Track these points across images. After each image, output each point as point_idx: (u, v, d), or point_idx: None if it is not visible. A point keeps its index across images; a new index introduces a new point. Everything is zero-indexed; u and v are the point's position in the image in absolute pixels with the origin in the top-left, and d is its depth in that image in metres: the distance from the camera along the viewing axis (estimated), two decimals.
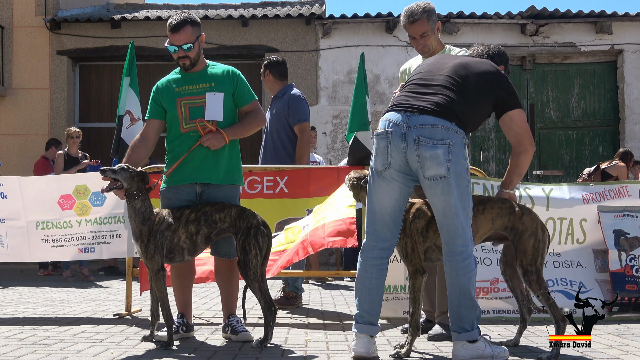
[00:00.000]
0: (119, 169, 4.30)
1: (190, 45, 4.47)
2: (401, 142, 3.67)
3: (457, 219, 3.66)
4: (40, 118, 12.46)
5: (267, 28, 12.49)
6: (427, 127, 3.63)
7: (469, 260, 3.70)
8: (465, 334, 3.70)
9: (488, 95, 3.83)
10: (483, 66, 3.89)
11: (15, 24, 12.63)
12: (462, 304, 3.71)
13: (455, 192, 3.64)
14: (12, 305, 6.62)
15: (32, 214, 5.88)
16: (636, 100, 12.28)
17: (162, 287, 4.29)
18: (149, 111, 4.65)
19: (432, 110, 3.66)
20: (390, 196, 3.80)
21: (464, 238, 3.69)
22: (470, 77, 3.79)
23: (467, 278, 3.70)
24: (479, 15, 12.30)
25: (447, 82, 3.77)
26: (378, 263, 3.88)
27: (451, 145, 3.61)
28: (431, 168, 3.62)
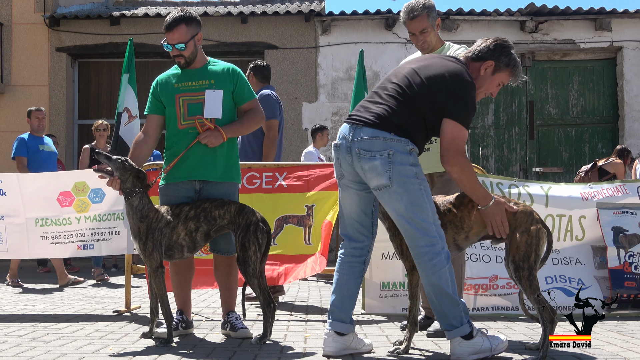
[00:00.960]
0: (114, 158, 4.29)
1: (183, 45, 4.45)
2: (347, 155, 3.78)
3: (414, 223, 3.67)
4: None
5: (266, 25, 12.48)
6: (366, 140, 3.69)
7: (438, 259, 3.67)
8: (456, 330, 3.70)
9: (433, 100, 3.73)
10: (436, 70, 3.79)
11: (15, 20, 12.62)
12: (440, 302, 3.71)
13: (405, 198, 3.66)
14: (11, 302, 6.62)
15: (31, 210, 5.87)
16: (635, 98, 12.28)
17: (161, 284, 4.29)
18: (149, 106, 4.65)
19: (372, 122, 3.70)
20: (350, 202, 3.93)
21: (427, 238, 3.68)
22: (417, 83, 3.75)
23: (438, 276, 3.68)
24: (478, 12, 12.30)
25: (394, 90, 3.77)
26: (350, 261, 3.96)
27: (391, 154, 3.63)
28: (373, 179, 3.69)
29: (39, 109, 8.90)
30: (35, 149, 8.65)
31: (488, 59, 3.90)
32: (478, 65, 3.91)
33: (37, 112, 8.83)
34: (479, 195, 3.80)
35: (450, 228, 3.93)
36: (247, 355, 3.87)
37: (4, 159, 12.24)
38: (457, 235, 3.94)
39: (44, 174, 6.29)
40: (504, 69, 3.92)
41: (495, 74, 3.92)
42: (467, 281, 5.40)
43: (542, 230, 3.91)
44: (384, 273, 5.60)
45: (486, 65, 3.90)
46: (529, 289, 3.80)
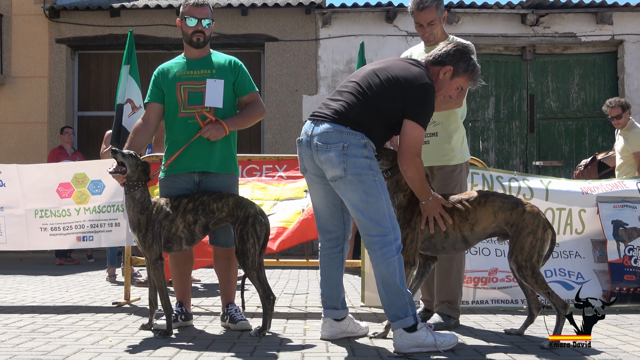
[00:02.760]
0: (128, 155, 4.30)
1: (210, 22, 4.56)
2: (307, 149, 3.93)
3: (367, 213, 3.78)
4: (39, 106, 12.43)
5: (267, 17, 12.45)
6: (324, 133, 3.82)
7: (387, 248, 3.76)
8: (399, 321, 3.76)
9: (392, 101, 3.84)
10: (395, 72, 3.89)
11: (14, 12, 12.58)
12: (387, 291, 3.79)
13: (360, 188, 3.77)
14: (10, 293, 6.62)
15: (30, 202, 5.86)
16: (636, 91, 12.26)
17: (161, 276, 4.29)
18: (150, 94, 4.64)
19: (330, 117, 3.85)
20: (317, 195, 4.10)
21: (379, 229, 3.77)
22: (376, 83, 3.87)
23: (386, 265, 3.76)
24: (479, 5, 12.27)
25: (354, 89, 3.91)
26: (328, 252, 4.15)
27: (345, 147, 3.75)
28: (328, 170, 3.82)
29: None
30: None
31: (447, 64, 4.03)
32: (437, 70, 4.03)
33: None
34: (423, 192, 3.98)
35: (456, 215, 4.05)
36: (246, 347, 3.88)
37: (3, 150, 12.24)
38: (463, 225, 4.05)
39: (43, 165, 6.28)
40: (462, 74, 4.05)
41: (454, 79, 4.05)
42: (467, 274, 5.41)
43: (547, 233, 4.01)
44: None
45: (445, 70, 4.03)
46: (536, 285, 3.94)
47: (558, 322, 3.93)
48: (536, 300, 4.25)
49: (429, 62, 4.05)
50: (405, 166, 3.85)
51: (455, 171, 4.61)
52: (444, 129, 4.60)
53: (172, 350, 3.81)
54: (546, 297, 3.95)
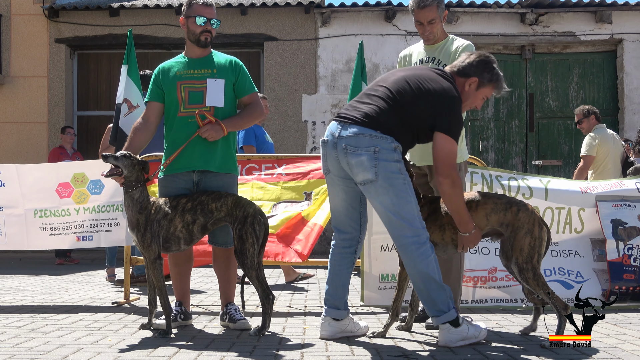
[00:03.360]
0: (121, 156, 4.29)
1: (218, 22, 4.59)
2: (334, 151, 3.94)
3: (399, 215, 3.83)
4: (38, 106, 12.43)
5: (266, 16, 12.45)
6: (353, 136, 3.84)
7: (424, 248, 3.82)
8: (444, 315, 3.83)
9: (422, 112, 3.87)
10: (427, 82, 3.92)
11: (14, 11, 12.57)
12: (429, 289, 3.84)
13: (391, 192, 3.82)
14: (10, 293, 6.62)
15: (30, 202, 5.86)
16: (635, 90, 12.26)
17: (160, 276, 4.29)
18: (150, 93, 4.64)
19: (360, 120, 3.86)
20: (337, 196, 4.12)
21: (413, 229, 3.83)
22: (407, 91, 3.89)
23: (426, 264, 3.82)
24: (478, 4, 12.27)
25: (384, 94, 3.92)
26: (341, 252, 4.18)
27: (377, 151, 3.79)
28: (359, 174, 3.84)
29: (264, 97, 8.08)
30: (263, 139, 7.98)
31: (472, 76, 4.06)
32: (463, 81, 4.06)
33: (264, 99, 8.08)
34: (462, 220, 3.94)
35: (448, 229, 4.06)
36: (245, 347, 3.88)
37: (3, 150, 12.24)
38: (456, 235, 4.05)
39: (43, 165, 6.27)
40: (487, 84, 4.10)
41: (480, 89, 4.09)
42: (466, 273, 5.41)
43: (543, 230, 4.01)
44: (383, 265, 5.59)
45: (470, 81, 4.06)
46: (537, 287, 3.95)
47: (560, 323, 3.93)
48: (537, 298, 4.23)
49: (454, 73, 4.07)
50: (441, 179, 3.86)
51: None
52: None
53: (171, 349, 3.81)
54: (547, 298, 3.95)
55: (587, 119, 8.42)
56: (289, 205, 5.66)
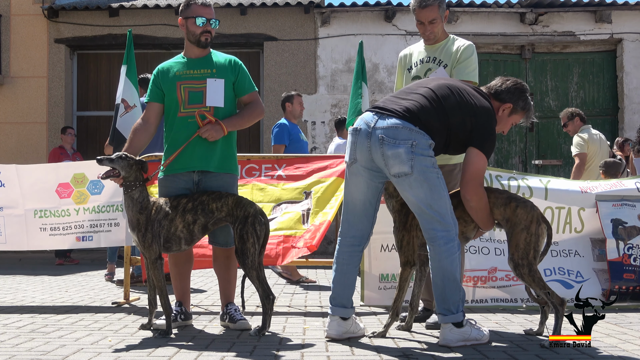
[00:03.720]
0: (117, 158, 4.29)
1: (217, 22, 4.58)
2: (366, 140, 3.91)
3: (433, 209, 3.85)
4: (38, 106, 12.43)
5: (266, 16, 12.45)
6: (392, 128, 3.85)
7: (451, 244, 3.85)
8: (451, 316, 3.85)
9: (462, 123, 3.93)
10: (469, 96, 3.97)
11: (13, 11, 12.57)
12: (446, 285, 3.86)
13: (425, 186, 3.83)
14: (10, 293, 6.62)
15: (30, 202, 5.86)
16: (635, 90, 12.26)
17: (160, 276, 4.29)
18: (149, 94, 4.64)
19: (401, 114, 3.87)
20: (358, 189, 4.07)
21: (444, 223, 3.85)
22: (450, 98, 3.94)
23: (450, 261, 3.85)
24: (478, 3, 12.27)
25: (427, 93, 3.96)
26: (350, 250, 4.14)
27: (414, 145, 3.81)
28: (395, 166, 3.83)
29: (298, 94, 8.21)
30: (297, 137, 7.90)
31: (507, 102, 4.14)
32: (498, 105, 4.15)
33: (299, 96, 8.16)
34: (486, 223, 4.09)
35: (460, 223, 4.07)
36: (246, 347, 3.88)
37: (2, 150, 12.23)
38: (466, 229, 4.13)
39: (42, 165, 6.27)
40: (519, 111, 4.19)
41: (512, 116, 4.18)
42: (466, 273, 5.41)
43: (542, 227, 4.03)
44: (383, 265, 5.59)
45: (505, 107, 4.15)
46: (533, 283, 3.97)
47: (557, 320, 3.94)
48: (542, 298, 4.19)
49: (490, 95, 4.14)
50: (469, 196, 3.93)
51: (455, 170, 4.62)
52: None
53: (171, 349, 3.81)
54: (543, 295, 3.98)
55: (572, 121, 8.75)
56: (289, 206, 5.65)
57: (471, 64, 4.58)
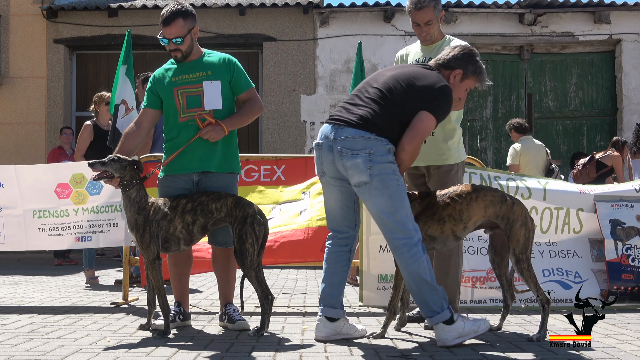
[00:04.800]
0: (109, 161, 4.28)
1: (180, 40, 4.44)
2: (329, 154, 3.97)
3: (393, 217, 3.88)
4: (37, 107, 12.43)
5: (265, 17, 12.45)
6: (348, 139, 3.89)
7: (415, 249, 3.87)
8: (437, 316, 3.87)
9: (413, 106, 3.93)
10: (416, 79, 3.99)
11: (12, 12, 12.57)
12: (421, 289, 3.89)
13: (386, 194, 3.86)
14: (9, 293, 6.62)
15: (28, 202, 5.85)
16: (634, 90, 12.28)
17: (158, 276, 4.28)
18: (146, 100, 4.66)
19: (355, 123, 3.91)
20: (333, 198, 4.14)
21: (405, 231, 3.88)
22: (398, 89, 3.95)
23: (417, 266, 3.87)
24: (477, 4, 12.28)
25: (376, 95, 3.98)
26: (337, 250, 4.18)
27: (371, 153, 3.84)
28: (354, 176, 3.89)
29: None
30: None
31: (456, 68, 4.16)
32: (447, 74, 4.16)
33: None
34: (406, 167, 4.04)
35: (449, 221, 4.11)
36: (244, 347, 3.88)
37: (1, 150, 12.23)
38: (456, 227, 4.13)
39: (41, 166, 6.27)
40: (470, 76, 4.20)
41: (463, 81, 4.19)
42: (465, 274, 5.40)
43: (533, 223, 4.21)
44: (382, 265, 5.59)
45: (455, 73, 4.16)
46: (529, 278, 4.09)
47: (543, 318, 4.07)
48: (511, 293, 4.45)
49: (439, 66, 4.16)
50: (408, 147, 3.90)
51: (452, 170, 4.63)
52: (441, 128, 4.61)
53: (170, 350, 3.81)
54: (534, 291, 4.09)
55: (511, 132, 9.66)
56: (287, 205, 5.66)
57: None
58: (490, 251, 4.42)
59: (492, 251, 4.41)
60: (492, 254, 4.40)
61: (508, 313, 4.49)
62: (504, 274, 4.42)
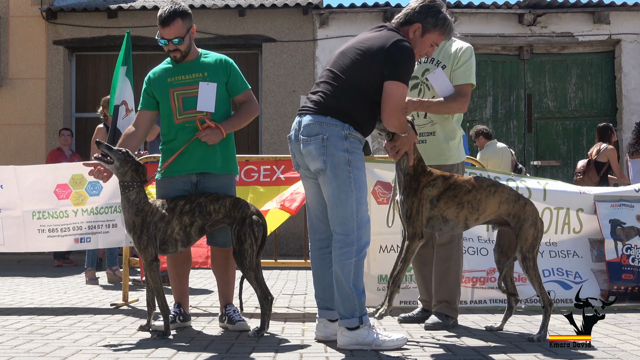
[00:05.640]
0: (115, 149, 4.28)
1: (179, 40, 4.43)
2: (297, 144, 3.94)
3: (336, 209, 3.79)
4: (36, 108, 12.42)
5: (264, 17, 12.45)
6: (307, 126, 3.85)
7: (347, 249, 3.79)
8: (344, 320, 3.82)
9: (368, 74, 3.81)
10: (363, 44, 3.86)
11: (12, 13, 12.57)
12: (338, 290, 3.84)
13: (334, 183, 3.78)
14: (9, 295, 6.61)
15: (28, 203, 5.85)
16: (633, 91, 12.27)
17: (157, 278, 4.28)
18: (141, 102, 4.66)
19: (312, 109, 3.86)
20: (311, 192, 4.06)
21: (344, 227, 3.79)
22: (347, 63, 3.84)
23: (342, 266, 3.80)
24: (476, 4, 12.28)
25: (327, 76, 3.93)
26: (319, 254, 4.10)
27: (325, 139, 3.76)
28: (310, 163, 3.85)
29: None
30: None
31: (415, 22, 3.99)
32: (407, 29, 4.00)
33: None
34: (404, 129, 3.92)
35: (467, 207, 4.07)
36: (244, 348, 3.88)
37: (1, 152, 12.22)
38: (471, 216, 4.09)
39: (40, 167, 6.26)
40: (432, 29, 4.01)
41: (425, 35, 4.01)
42: (465, 274, 5.40)
43: (542, 225, 4.22)
44: (382, 266, 5.58)
45: (414, 28, 3.99)
46: (534, 277, 4.10)
47: (544, 319, 4.08)
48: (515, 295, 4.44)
49: (398, 24, 4.02)
50: (392, 125, 3.84)
51: (452, 171, 4.61)
52: (441, 129, 4.61)
53: (170, 351, 3.81)
54: (538, 291, 4.12)
55: (478, 138, 10.37)
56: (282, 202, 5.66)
57: (470, 67, 4.60)
58: (496, 251, 4.39)
59: (498, 251, 4.38)
60: (499, 254, 4.37)
61: (511, 315, 4.48)
62: (509, 275, 4.39)
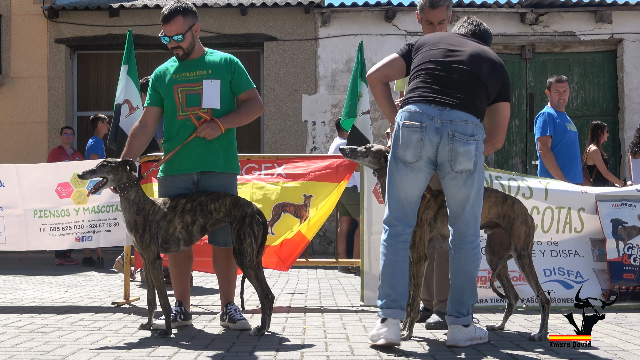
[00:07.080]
0: (98, 168, 4.24)
1: (181, 37, 4.43)
2: (435, 136, 3.77)
3: (473, 210, 3.86)
4: (38, 107, 12.43)
5: (266, 16, 12.45)
6: (460, 122, 3.76)
7: (478, 250, 3.91)
8: (463, 318, 3.87)
9: (495, 86, 3.95)
10: (492, 56, 3.98)
11: (13, 12, 12.58)
12: (465, 290, 3.88)
13: (477, 185, 3.83)
14: (10, 293, 6.62)
15: (29, 202, 5.84)
16: (635, 90, 12.26)
17: (159, 276, 4.28)
18: (148, 98, 4.65)
19: (463, 105, 3.79)
20: (417, 185, 3.90)
21: (475, 228, 3.89)
22: (484, 69, 3.89)
23: (475, 266, 3.89)
24: (478, 4, 12.28)
25: (469, 76, 3.86)
26: (405, 247, 3.95)
27: (478, 141, 3.79)
28: (462, 162, 3.76)
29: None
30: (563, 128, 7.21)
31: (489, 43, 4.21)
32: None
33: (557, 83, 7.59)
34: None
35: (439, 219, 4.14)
36: (245, 347, 3.88)
37: (2, 150, 12.23)
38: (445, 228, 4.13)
39: (42, 165, 6.26)
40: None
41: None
42: None
43: (533, 221, 4.29)
44: None
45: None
46: (530, 275, 4.14)
47: (543, 318, 4.10)
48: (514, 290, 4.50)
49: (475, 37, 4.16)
50: (498, 145, 4.04)
51: None
52: None
53: (171, 349, 3.81)
54: (535, 289, 4.15)
55: None
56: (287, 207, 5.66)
57: None
58: (487, 252, 4.46)
59: (489, 252, 4.44)
60: (490, 255, 4.44)
61: (512, 313, 4.51)
62: (504, 274, 4.45)
